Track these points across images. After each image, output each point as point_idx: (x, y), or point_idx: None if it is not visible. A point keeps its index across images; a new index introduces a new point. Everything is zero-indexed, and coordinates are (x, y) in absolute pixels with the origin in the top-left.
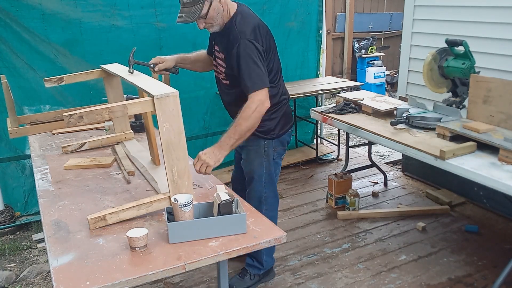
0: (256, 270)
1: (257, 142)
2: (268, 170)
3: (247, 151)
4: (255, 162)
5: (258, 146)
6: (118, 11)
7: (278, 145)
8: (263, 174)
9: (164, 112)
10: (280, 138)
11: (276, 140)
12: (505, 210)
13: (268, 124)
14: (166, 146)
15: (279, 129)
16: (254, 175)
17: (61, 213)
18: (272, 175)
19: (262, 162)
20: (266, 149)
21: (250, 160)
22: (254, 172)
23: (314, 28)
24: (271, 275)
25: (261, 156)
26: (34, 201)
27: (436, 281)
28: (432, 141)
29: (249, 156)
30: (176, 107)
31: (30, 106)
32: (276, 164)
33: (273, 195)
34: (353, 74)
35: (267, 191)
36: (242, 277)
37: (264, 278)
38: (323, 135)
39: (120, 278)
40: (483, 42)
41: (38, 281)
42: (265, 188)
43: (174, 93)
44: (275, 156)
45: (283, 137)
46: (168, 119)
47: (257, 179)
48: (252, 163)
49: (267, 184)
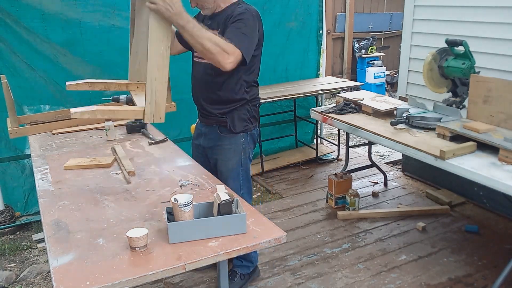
0: (246, 269)
1: (234, 140)
2: (245, 167)
3: (222, 150)
4: (233, 160)
5: (236, 144)
6: (118, 11)
7: (251, 143)
8: (241, 172)
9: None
10: (252, 134)
11: (250, 137)
12: (505, 210)
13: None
14: (152, 64)
15: (252, 122)
16: (232, 173)
17: (61, 213)
18: (248, 171)
19: (240, 159)
20: (244, 146)
21: (227, 159)
22: (232, 170)
23: (314, 28)
24: (257, 271)
25: (239, 154)
26: (34, 201)
27: (436, 281)
28: (432, 141)
29: (227, 155)
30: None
31: (30, 106)
32: (249, 161)
33: (248, 191)
34: (353, 74)
35: (243, 188)
36: (232, 279)
37: (252, 276)
38: (323, 135)
39: (120, 278)
40: (483, 42)
41: (38, 281)
42: (242, 186)
43: None
44: (250, 154)
45: (254, 134)
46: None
47: (235, 177)
48: (230, 162)
49: (244, 181)
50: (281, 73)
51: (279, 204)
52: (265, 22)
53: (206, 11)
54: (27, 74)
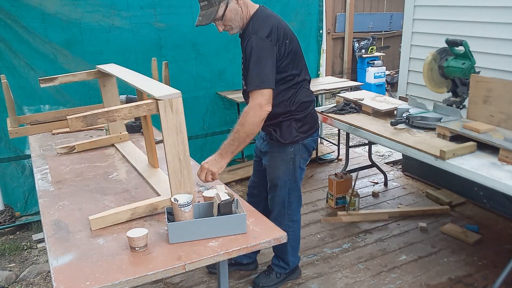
0: (282, 270)
1: (283, 149)
2: (293, 176)
3: (271, 157)
4: (281, 169)
5: (284, 153)
6: (118, 11)
7: (304, 152)
8: (289, 181)
9: (168, 114)
10: (305, 143)
11: (302, 147)
12: (505, 210)
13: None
14: (171, 157)
15: (304, 132)
16: (279, 182)
17: (61, 213)
18: (297, 180)
19: (288, 168)
20: (293, 156)
21: (275, 167)
22: (279, 179)
23: (315, 28)
24: (297, 272)
25: (287, 163)
26: (34, 201)
27: (436, 281)
28: (432, 141)
29: (274, 163)
30: (180, 108)
31: (30, 106)
32: (301, 170)
33: (297, 199)
34: (353, 74)
35: (291, 197)
36: (268, 275)
37: (290, 276)
38: (323, 135)
39: (120, 278)
40: (483, 42)
41: (38, 281)
42: (290, 194)
43: (178, 94)
44: (301, 163)
45: (308, 143)
46: (173, 122)
47: (282, 185)
48: (277, 170)
49: (292, 190)
50: None
51: None
52: None
53: (234, 30)
54: (27, 74)
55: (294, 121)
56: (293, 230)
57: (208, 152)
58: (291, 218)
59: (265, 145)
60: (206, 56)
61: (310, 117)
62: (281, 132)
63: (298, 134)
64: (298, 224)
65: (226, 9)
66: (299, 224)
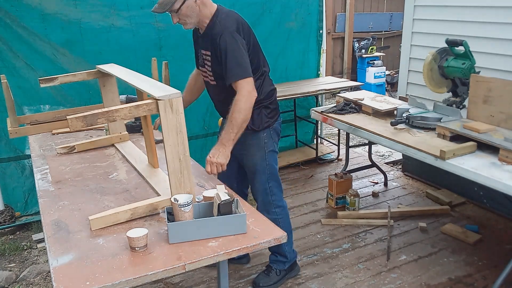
0: (281, 265)
1: (256, 136)
2: (269, 161)
3: (245, 146)
4: (257, 155)
5: (258, 139)
6: (118, 12)
7: (275, 135)
8: (266, 166)
9: (168, 114)
10: (275, 127)
11: (273, 131)
12: (505, 210)
13: (263, 112)
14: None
15: (272, 117)
16: (257, 168)
17: (61, 213)
18: (273, 164)
19: (264, 154)
20: (266, 140)
21: (252, 154)
22: (257, 165)
23: (315, 28)
24: (296, 269)
25: (262, 149)
26: (34, 201)
27: (436, 281)
28: (432, 141)
29: (250, 151)
30: (180, 108)
31: (30, 106)
32: (275, 153)
33: (278, 184)
34: (353, 74)
35: (271, 182)
36: (268, 274)
37: (289, 273)
38: (323, 135)
39: (120, 278)
40: (483, 42)
41: (38, 281)
42: (269, 179)
43: (178, 94)
44: (274, 147)
45: (276, 127)
46: (173, 122)
47: (261, 171)
48: (255, 157)
49: (271, 175)
50: (281, 73)
51: None
52: (265, 22)
53: (188, 26)
54: (27, 74)
55: (264, 108)
56: (282, 216)
57: (208, 152)
58: (276, 205)
59: None
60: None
61: (275, 103)
62: (253, 120)
63: (268, 120)
64: (285, 210)
65: (183, 4)
66: (287, 211)
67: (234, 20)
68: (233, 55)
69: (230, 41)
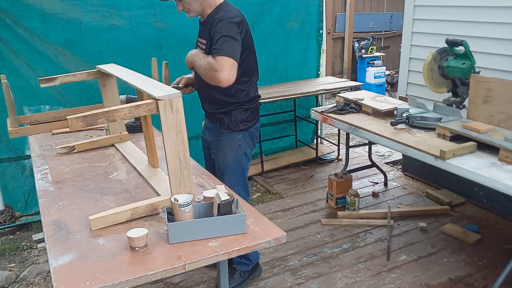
0: (245, 267)
1: (232, 136)
2: (241, 164)
3: (219, 145)
4: (230, 155)
5: (233, 140)
6: (118, 11)
7: (250, 140)
8: (237, 168)
9: (168, 114)
10: (251, 131)
11: (248, 134)
12: (505, 210)
13: (242, 114)
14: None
15: (250, 121)
16: (227, 169)
17: (61, 213)
18: (244, 169)
19: (236, 156)
20: (240, 142)
21: (224, 153)
22: (228, 166)
23: (315, 28)
24: (259, 270)
25: (235, 150)
26: (34, 201)
27: (436, 281)
28: (432, 141)
29: (223, 150)
30: (180, 108)
31: (30, 106)
32: (247, 158)
33: (245, 188)
34: (353, 74)
35: (239, 185)
36: (232, 276)
37: (252, 274)
38: (323, 135)
39: (120, 278)
40: (483, 42)
41: (38, 281)
42: (238, 183)
43: (178, 94)
44: (247, 151)
45: (253, 132)
46: (173, 122)
47: (231, 172)
48: (226, 157)
49: (240, 179)
50: (281, 73)
51: (279, 204)
52: (265, 22)
53: (192, 14)
54: (27, 74)
55: (243, 111)
56: None
57: None
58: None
59: (212, 134)
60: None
61: (256, 109)
62: (231, 121)
63: (246, 123)
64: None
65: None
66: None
67: (237, 16)
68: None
69: (227, 27)
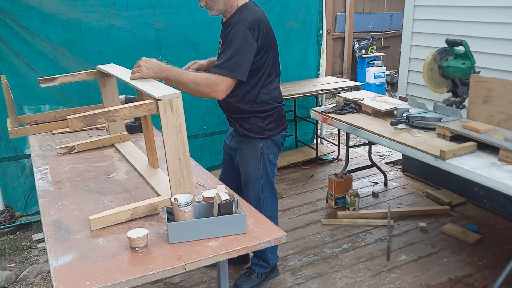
0: (263, 269)
1: (253, 144)
2: (265, 171)
3: (241, 153)
4: (252, 165)
5: (253, 149)
6: (117, 12)
7: (273, 147)
8: (261, 176)
9: (168, 114)
10: (274, 139)
11: (271, 142)
12: (505, 210)
13: (260, 123)
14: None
15: (271, 129)
16: (251, 177)
17: (61, 213)
18: (270, 176)
19: (259, 164)
20: (262, 150)
21: (246, 163)
22: (251, 174)
23: (315, 28)
24: (276, 272)
25: (257, 158)
26: (34, 201)
27: (436, 281)
28: (432, 141)
29: (245, 159)
30: (180, 108)
31: (30, 105)
32: (272, 165)
33: (272, 195)
34: (353, 74)
35: (265, 192)
36: (249, 276)
37: (270, 276)
38: (323, 135)
39: (120, 278)
40: (483, 42)
41: (38, 281)
42: (264, 190)
43: (178, 94)
44: (271, 158)
45: (277, 139)
46: (173, 122)
47: (255, 181)
48: (249, 166)
49: (265, 186)
50: (281, 73)
51: (279, 204)
52: None
53: (214, 12)
54: (27, 74)
55: (261, 119)
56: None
57: (207, 152)
58: (268, 215)
59: (234, 141)
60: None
61: (278, 115)
62: (249, 129)
63: (266, 132)
64: (276, 219)
65: None
66: (277, 220)
67: (252, 17)
68: (235, 49)
69: (237, 35)
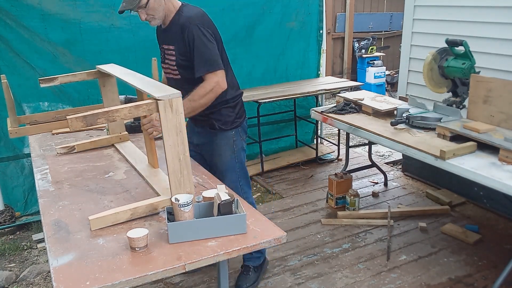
0: (257, 261)
1: (225, 135)
2: (239, 159)
3: (214, 146)
4: (226, 154)
5: (226, 139)
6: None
7: (243, 133)
8: (236, 164)
9: (168, 114)
10: (243, 125)
11: (241, 129)
12: (505, 210)
13: (231, 113)
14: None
15: (241, 116)
16: (227, 167)
17: (61, 213)
18: (243, 163)
19: (233, 153)
20: (234, 139)
21: (221, 153)
22: (226, 164)
23: (315, 28)
24: (266, 261)
25: (231, 147)
26: (34, 201)
27: (436, 281)
28: (432, 141)
29: (219, 150)
30: (180, 108)
31: (29, 103)
32: (243, 151)
33: (247, 182)
34: (353, 74)
35: (241, 180)
36: (247, 273)
37: (263, 267)
38: (323, 135)
39: (120, 278)
40: (483, 42)
41: (38, 281)
42: (240, 178)
43: (178, 94)
44: (243, 144)
45: (244, 125)
46: (173, 122)
47: (231, 169)
48: (224, 156)
49: (241, 173)
50: (281, 73)
51: (279, 204)
52: (265, 22)
53: (155, 21)
54: (27, 73)
55: (231, 108)
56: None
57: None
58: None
59: (203, 137)
60: None
61: (241, 104)
62: (223, 120)
63: (237, 120)
64: (254, 206)
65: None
66: (255, 206)
67: (198, 12)
68: (201, 48)
69: (197, 34)
